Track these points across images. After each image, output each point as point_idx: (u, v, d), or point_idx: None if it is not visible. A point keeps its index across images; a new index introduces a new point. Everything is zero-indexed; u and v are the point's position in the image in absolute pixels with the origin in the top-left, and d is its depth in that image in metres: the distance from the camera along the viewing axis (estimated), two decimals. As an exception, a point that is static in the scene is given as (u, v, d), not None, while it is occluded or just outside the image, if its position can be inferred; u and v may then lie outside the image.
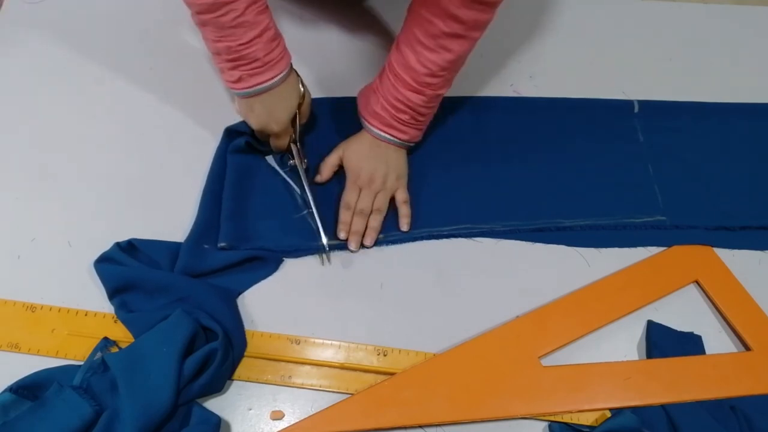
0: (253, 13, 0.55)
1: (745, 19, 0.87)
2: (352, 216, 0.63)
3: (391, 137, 0.64)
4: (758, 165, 0.73)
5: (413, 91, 0.60)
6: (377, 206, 0.64)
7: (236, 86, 0.59)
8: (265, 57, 0.57)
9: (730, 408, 0.56)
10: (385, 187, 0.64)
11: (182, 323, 0.53)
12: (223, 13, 0.53)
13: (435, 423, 0.54)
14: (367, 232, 0.63)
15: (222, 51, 0.56)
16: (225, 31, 0.54)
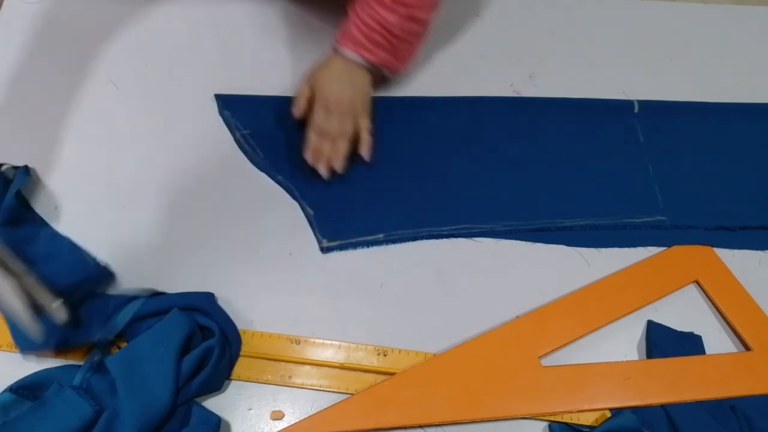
0: None
1: (745, 19, 0.87)
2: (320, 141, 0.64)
3: (361, 58, 0.64)
4: (758, 165, 0.73)
5: (386, 9, 0.61)
6: (345, 130, 0.64)
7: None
8: None
9: (730, 408, 0.56)
10: (353, 111, 0.65)
11: (179, 322, 0.53)
12: None
13: (435, 423, 0.54)
14: (335, 156, 0.64)
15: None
16: None
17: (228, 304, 0.58)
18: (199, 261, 0.61)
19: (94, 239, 0.61)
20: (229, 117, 0.70)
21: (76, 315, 0.54)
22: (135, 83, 0.72)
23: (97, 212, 0.63)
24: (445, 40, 0.80)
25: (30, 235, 0.59)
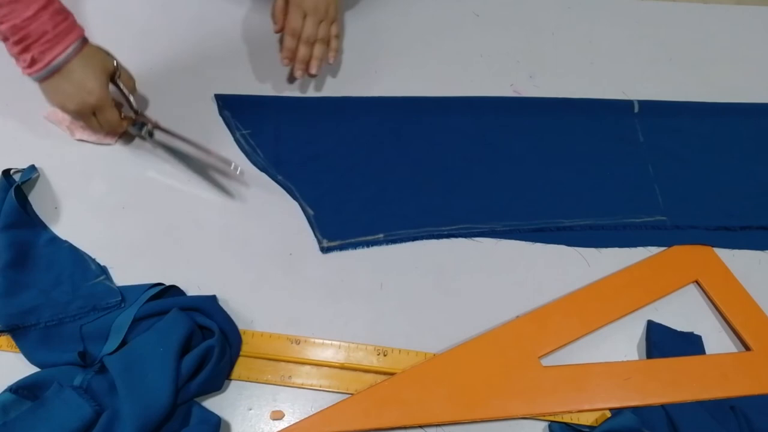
0: None
1: (745, 19, 0.87)
2: (297, 44, 0.64)
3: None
4: (758, 165, 0.73)
5: None
6: (321, 35, 0.65)
7: (33, 69, 0.55)
8: (55, 29, 0.54)
9: (730, 408, 0.56)
10: (328, 16, 0.66)
11: (178, 322, 0.53)
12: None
13: (435, 423, 0.54)
14: (312, 60, 0.65)
15: (8, 33, 0.53)
16: (5, 8, 0.51)
17: (228, 304, 0.58)
18: (199, 261, 0.61)
19: (94, 239, 0.61)
20: (229, 117, 0.70)
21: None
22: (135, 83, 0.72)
23: (97, 212, 0.63)
24: (445, 40, 0.80)
25: (29, 239, 0.59)
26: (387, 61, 0.76)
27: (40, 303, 0.55)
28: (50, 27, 0.54)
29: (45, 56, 0.55)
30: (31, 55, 0.54)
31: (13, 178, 0.63)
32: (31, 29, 0.53)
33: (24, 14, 0.52)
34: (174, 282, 0.58)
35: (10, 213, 0.59)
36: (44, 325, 0.54)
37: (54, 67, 0.55)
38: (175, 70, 0.73)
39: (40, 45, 0.54)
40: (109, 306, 0.56)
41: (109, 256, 0.60)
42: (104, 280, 0.58)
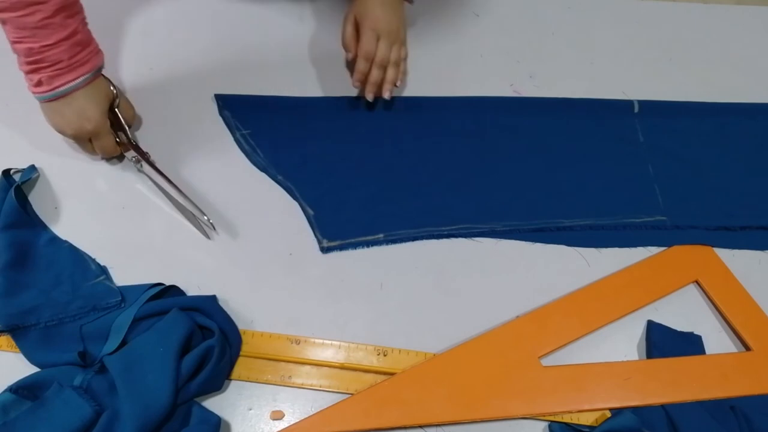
0: (61, 16, 0.52)
1: (745, 19, 0.87)
2: (370, 67, 0.64)
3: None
4: (758, 165, 0.73)
5: None
6: (394, 58, 0.65)
7: (37, 90, 0.55)
8: (70, 59, 0.54)
9: (730, 408, 0.56)
10: (398, 38, 0.65)
11: (178, 322, 0.53)
12: (27, 13, 0.49)
13: (435, 423, 0.54)
14: (385, 84, 0.65)
15: (21, 53, 0.53)
16: (27, 32, 0.51)
17: (228, 304, 0.58)
18: (198, 261, 0.61)
19: (94, 239, 0.61)
20: (229, 117, 0.70)
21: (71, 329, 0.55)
22: (135, 83, 0.72)
23: (97, 212, 0.63)
24: (445, 40, 0.80)
25: (29, 239, 0.59)
26: (387, 61, 0.76)
27: (40, 303, 0.55)
28: (66, 57, 0.54)
29: (53, 82, 0.55)
30: (39, 77, 0.54)
31: (13, 178, 0.63)
32: (47, 56, 0.53)
33: (44, 41, 0.52)
34: (174, 282, 0.58)
35: (10, 213, 0.59)
36: (44, 325, 0.54)
37: (58, 93, 0.56)
38: (175, 70, 0.73)
39: (50, 71, 0.54)
40: (109, 306, 0.56)
41: (109, 256, 0.60)
42: (104, 280, 0.58)
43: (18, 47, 0.52)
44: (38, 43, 0.52)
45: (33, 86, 0.55)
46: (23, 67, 0.54)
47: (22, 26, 0.50)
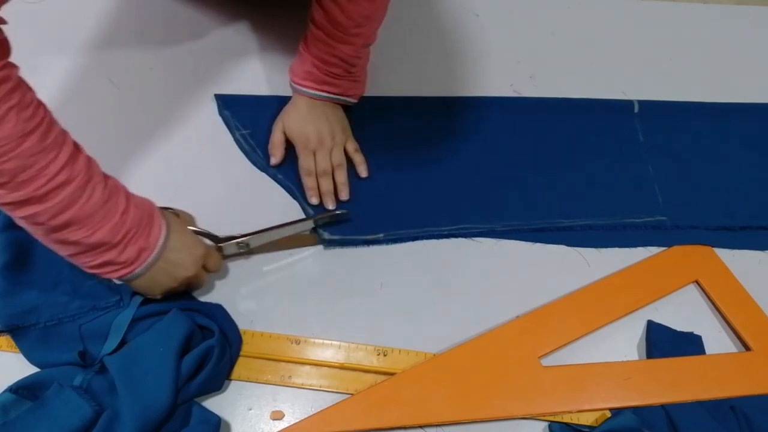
0: (100, 176, 0.47)
1: (745, 19, 0.87)
2: (317, 180, 0.64)
3: (326, 94, 0.65)
4: (758, 165, 0.73)
5: (344, 43, 0.61)
6: (336, 162, 0.65)
7: (141, 260, 0.49)
8: (145, 208, 0.50)
9: (730, 408, 0.56)
10: (336, 142, 0.66)
11: (178, 323, 0.53)
12: (87, 198, 0.45)
13: (435, 423, 0.54)
14: (339, 188, 0.65)
15: (106, 237, 0.46)
16: (97, 218, 0.46)
17: (228, 304, 0.58)
18: (199, 261, 0.61)
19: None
20: (229, 117, 0.70)
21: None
22: (135, 83, 0.72)
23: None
24: (445, 40, 0.80)
25: (29, 239, 0.59)
26: (387, 60, 0.76)
27: (39, 303, 0.55)
28: (139, 214, 0.49)
29: (150, 239, 0.49)
30: (139, 245, 0.48)
31: None
32: (130, 219, 0.48)
33: (119, 209, 0.47)
34: (174, 282, 0.58)
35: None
36: (44, 325, 0.54)
37: (161, 246, 0.50)
38: (175, 70, 0.73)
39: (141, 231, 0.49)
40: (109, 305, 0.56)
41: (109, 256, 0.60)
42: (103, 280, 0.58)
43: (95, 239, 0.46)
44: (116, 214, 0.47)
45: (134, 262, 0.49)
46: (112, 253, 0.47)
47: (88, 216, 0.45)
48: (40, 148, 0.42)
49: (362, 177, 0.67)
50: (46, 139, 0.42)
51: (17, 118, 0.40)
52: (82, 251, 0.47)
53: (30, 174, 0.42)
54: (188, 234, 0.54)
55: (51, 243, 0.47)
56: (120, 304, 0.56)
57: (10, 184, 0.41)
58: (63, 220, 0.44)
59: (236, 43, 0.76)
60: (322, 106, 0.66)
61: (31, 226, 0.45)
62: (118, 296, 0.56)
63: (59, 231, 0.45)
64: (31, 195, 0.42)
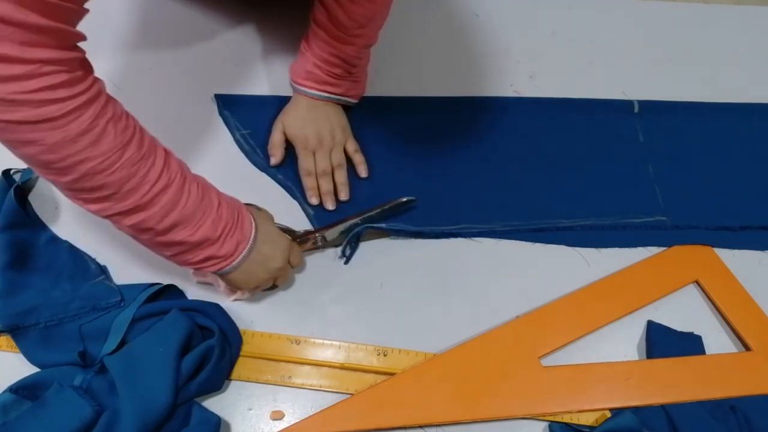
0: (201, 180, 0.49)
1: (745, 19, 0.87)
2: (317, 180, 0.64)
3: (326, 94, 0.65)
4: (758, 165, 0.73)
5: (345, 44, 0.61)
6: (336, 162, 0.65)
7: (238, 252, 0.51)
8: (232, 209, 0.51)
9: (730, 408, 0.56)
10: (336, 142, 0.66)
11: (178, 322, 0.53)
12: (185, 198, 0.46)
13: (435, 423, 0.54)
14: (339, 188, 0.65)
15: (207, 234, 0.48)
16: (197, 216, 0.47)
17: (228, 304, 0.58)
18: (199, 261, 0.61)
19: (93, 239, 0.61)
20: (229, 117, 0.70)
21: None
22: (135, 83, 0.72)
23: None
24: (445, 40, 0.80)
25: (29, 239, 0.59)
26: (387, 60, 0.76)
27: (39, 303, 0.55)
28: (232, 205, 0.51)
29: (244, 231, 0.51)
30: (236, 239, 0.50)
31: (13, 178, 0.63)
32: (225, 214, 0.50)
33: (213, 206, 0.49)
34: (174, 282, 0.58)
35: (10, 213, 0.59)
36: (44, 325, 0.54)
37: (253, 239, 0.51)
38: (175, 70, 0.73)
39: (235, 225, 0.50)
40: (109, 306, 0.56)
41: (109, 256, 0.60)
42: (104, 280, 0.58)
43: (198, 236, 0.48)
44: (212, 211, 0.48)
45: (231, 255, 0.50)
46: (213, 248, 0.49)
47: (191, 212, 0.47)
48: (139, 157, 0.43)
49: (362, 177, 0.67)
50: (142, 147, 0.44)
51: (115, 130, 0.41)
52: (186, 249, 0.49)
53: (134, 183, 0.43)
54: (274, 227, 0.56)
55: (156, 246, 0.49)
56: (120, 304, 0.56)
57: (117, 194, 0.43)
58: (168, 223, 0.46)
59: (236, 43, 0.76)
60: (323, 107, 0.66)
61: (138, 233, 0.47)
62: (118, 296, 0.56)
63: (165, 234, 0.46)
64: (138, 203, 0.44)
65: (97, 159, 0.41)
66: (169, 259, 0.51)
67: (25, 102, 0.36)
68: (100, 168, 0.41)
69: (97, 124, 0.40)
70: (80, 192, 0.43)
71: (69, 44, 0.39)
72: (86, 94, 0.40)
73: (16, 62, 0.35)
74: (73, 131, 0.39)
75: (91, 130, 0.40)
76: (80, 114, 0.39)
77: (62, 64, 0.38)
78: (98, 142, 0.40)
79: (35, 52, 0.36)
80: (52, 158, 0.40)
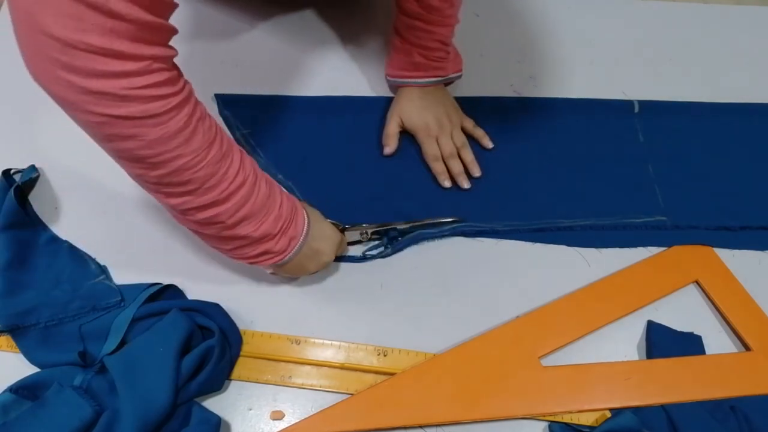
0: (267, 177, 0.50)
1: (745, 19, 0.87)
2: (445, 164, 0.67)
3: (435, 79, 0.68)
4: (758, 165, 0.73)
5: (442, 26, 0.64)
6: (460, 143, 0.68)
7: (291, 247, 0.52)
8: (292, 200, 0.53)
9: (730, 408, 0.56)
10: (454, 124, 0.68)
11: (178, 322, 0.53)
12: (256, 196, 0.48)
13: (435, 423, 0.54)
14: (469, 167, 0.67)
15: (268, 229, 0.49)
16: (263, 212, 0.49)
17: (228, 304, 0.58)
18: (199, 261, 0.61)
19: (93, 240, 0.61)
20: (229, 117, 0.70)
21: None
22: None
23: (97, 212, 0.63)
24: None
25: (29, 239, 0.59)
26: (387, 61, 0.76)
27: (39, 303, 0.55)
28: (289, 205, 0.52)
29: (297, 228, 0.52)
30: (290, 234, 0.51)
31: (13, 178, 0.63)
32: (285, 208, 0.51)
33: (277, 201, 0.50)
34: (174, 282, 0.58)
35: (10, 213, 0.59)
36: (44, 325, 0.54)
37: (305, 231, 0.53)
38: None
39: (291, 221, 0.52)
40: (109, 305, 0.56)
41: (109, 256, 0.60)
42: (104, 280, 0.58)
43: (262, 229, 0.49)
44: (276, 206, 0.50)
45: (285, 249, 0.52)
46: (272, 242, 0.50)
47: (259, 208, 0.48)
48: (221, 155, 0.44)
49: (488, 148, 0.69)
50: (223, 145, 0.45)
51: (202, 129, 0.43)
52: (247, 244, 0.50)
53: (216, 179, 0.44)
54: (325, 223, 0.57)
55: (218, 240, 0.50)
56: (120, 304, 0.56)
57: (198, 190, 0.44)
58: (239, 218, 0.47)
59: (236, 43, 0.76)
60: (433, 92, 0.68)
61: (205, 227, 0.48)
62: (118, 296, 0.56)
63: (233, 228, 0.48)
64: (216, 198, 0.45)
65: (188, 156, 0.42)
66: (225, 253, 0.52)
67: (135, 98, 0.37)
68: (190, 165, 0.42)
69: (191, 122, 0.42)
70: (166, 186, 0.44)
71: (168, 41, 0.40)
72: (183, 92, 0.41)
73: (129, 59, 0.36)
74: (172, 128, 0.40)
75: (186, 127, 0.41)
76: (179, 111, 0.40)
77: (166, 62, 0.39)
78: (191, 139, 0.42)
79: (145, 49, 0.37)
80: (149, 153, 0.40)
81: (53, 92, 0.37)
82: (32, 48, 0.36)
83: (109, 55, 0.35)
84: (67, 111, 0.39)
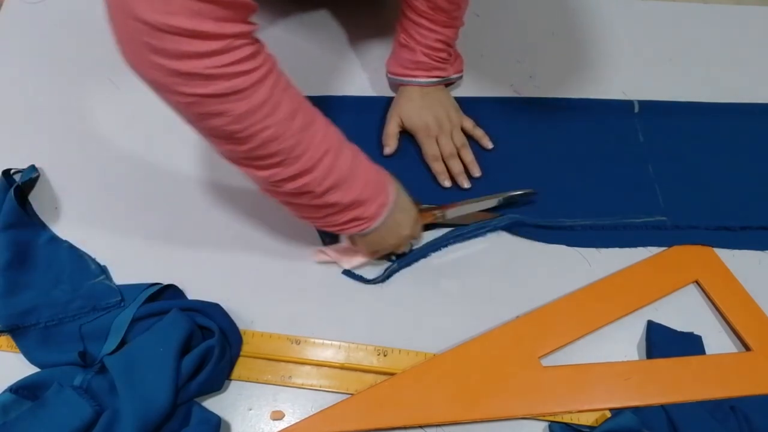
0: (351, 143, 0.51)
1: (745, 19, 0.87)
2: (445, 164, 0.67)
3: (436, 79, 0.68)
4: (758, 165, 0.73)
5: (448, 27, 0.64)
6: (460, 143, 0.68)
7: (378, 214, 0.52)
8: (380, 169, 0.53)
9: (730, 408, 0.56)
10: (453, 124, 0.69)
11: (178, 323, 0.53)
12: (342, 162, 0.48)
13: (435, 423, 0.54)
14: (469, 167, 0.67)
15: (358, 195, 0.50)
16: (350, 178, 0.49)
17: (228, 304, 0.58)
18: (199, 261, 0.61)
19: (93, 240, 0.61)
20: (229, 117, 0.69)
21: None
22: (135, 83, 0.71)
23: (97, 212, 0.63)
24: (445, 40, 0.80)
25: (29, 239, 0.59)
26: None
27: (39, 303, 0.55)
28: (375, 172, 0.53)
29: (388, 196, 0.53)
30: (384, 196, 0.52)
31: (13, 178, 0.63)
32: (372, 179, 0.52)
33: (366, 162, 0.51)
34: (174, 282, 0.58)
35: (10, 213, 0.59)
36: (44, 325, 0.55)
37: (393, 203, 0.53)
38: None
39: (380, 188, 0.52)
40: (109, 305, 0.56)
41: (109, 256, 0.60)
42: (104, 280, 0.58)
43: (351, 195, 0.49)
44: (362, 174, 0.50)
45: (368, 221, 0.52)
46: (357, 211, 0.51)
47: (347, 174, 0.48)
48: (306, 123, 0.45)
49: (488, 149, 0.70)
50: (307, 114, 0.46)
51: (287, 98, 0.44)
52: (337, 211, 0.50)
53: (302, 148, 0.45)
54: (408, 197, 0.58)
55: (309, 209, 0.50)
56: (120, 304, 0.56)
57: (287, 160, 0.45)
58: (327, 185, 0.48)
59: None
60: (434, 92, 0.68)
61: (295, 197, 0.49)
62: (118, 296, 0.56)
63: (322, 196, 0.48)
64: (304, 167, 0.46)
65: (273, 127, 0.43)
66: (314, 222, 0.53)
67: (220, 76, 0.38)
68: (276, 135, 0.43)
69: (273, 92, 0.42)
70: (255, 160, 0.45)
71: (249, 17, 0.41)
72: (266, 65, 0.42)
73: (212, 38, 0.37)
74: (257, 101, 0.41)
75: (270, 99, 0.42)
76: (262, 84, 0.41)
77: (247, 38, 0.40)
78: (276, 110, 0.42)
79: (227, 27, 0.38)
80: (237, 128, 0.41)
81: (146, 76, 0.39)
82: (125, 34, 0.37)
83: (195, 36, 0.36)
84: (159, 94, 0.40)
